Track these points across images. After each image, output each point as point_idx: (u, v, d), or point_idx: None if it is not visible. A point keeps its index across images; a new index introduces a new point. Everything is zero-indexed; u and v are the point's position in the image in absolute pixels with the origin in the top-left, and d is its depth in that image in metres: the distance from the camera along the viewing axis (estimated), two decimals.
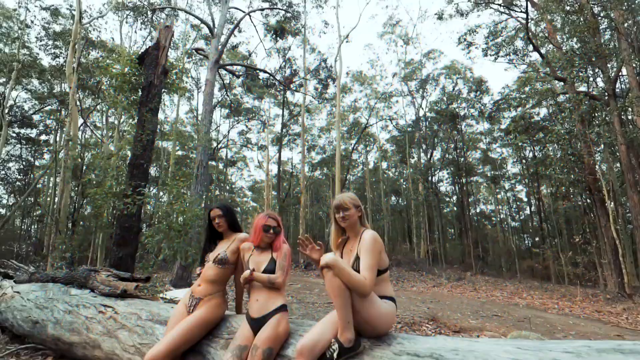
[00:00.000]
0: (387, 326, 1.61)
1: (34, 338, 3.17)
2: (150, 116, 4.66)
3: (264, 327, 1.68)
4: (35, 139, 23.27)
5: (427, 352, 1.45)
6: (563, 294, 8.51)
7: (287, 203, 26.42)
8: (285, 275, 1.88)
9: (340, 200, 1.84)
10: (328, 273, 1.50)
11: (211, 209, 2.22)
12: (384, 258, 1.69)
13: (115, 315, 2.59)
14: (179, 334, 1.83)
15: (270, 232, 1.96)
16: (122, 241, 4.23)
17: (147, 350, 2.13)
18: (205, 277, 2.05)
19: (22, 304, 3.44)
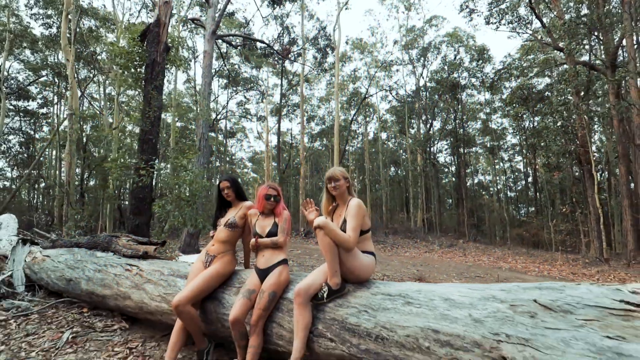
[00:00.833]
0: (367, 274, 2.01)
1: (68, 293, 3.64)
2: (156, 94, 4.86)
3: (269, 276, 2.08)
4: (34, 111, 23.15)
5: (396, 292, 1.86)
6: (546, 259, 9.10)
7: (287, 174, 26.82)
8: (286, 236, 2.26)
9: (332, 172, 2.19)
10: (320, 232, 1.87)
11: (220, 181, 2.56)
12: (366, 221, 2.05)
13: (141, 272, 3.01)
14: (199, 283, 2.24)
15: (271, 200, 2.31)
16: (137, 210, 4.62)
17: (171, 298, 2.57)
18: (218, 238, 2.43)
19: (54, 265, 3.88)
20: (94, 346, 2.67)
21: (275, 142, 25.81)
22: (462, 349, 1.50)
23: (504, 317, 1.54)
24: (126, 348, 2.64)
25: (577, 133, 9.44)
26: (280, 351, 2.00)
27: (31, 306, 3.57)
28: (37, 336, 2.83)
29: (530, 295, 1.59)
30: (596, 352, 1.30)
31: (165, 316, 2.66)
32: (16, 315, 3.33)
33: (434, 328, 1.60)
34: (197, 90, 22.97)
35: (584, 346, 1.33)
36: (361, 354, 1.71)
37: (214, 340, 2.46)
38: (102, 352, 2.57)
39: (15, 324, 3.12)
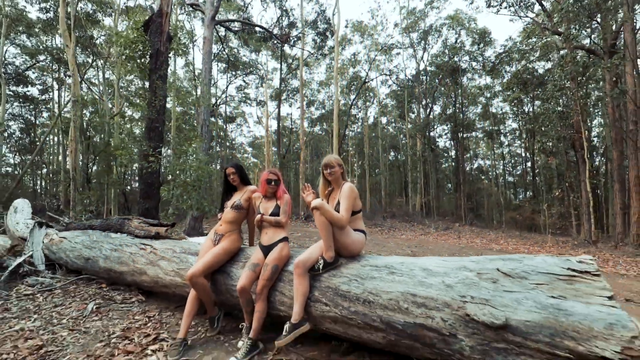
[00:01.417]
0: (358, 249, 2.28)
1: (87, 271, 3.96)
2: (161, 83, 5.03)
3: (272, 251, 2.36)
4: (34, 97, 23.12)
5: (383, 264, 2.14)
6: (537, 241, 9.45)
7: (288, 159, 27.01)
8: (287, 216, 2.53)
9: (327, 160, 2.43)
10: (316, 212, 2.13)
11: (226, 167, 2.81)
12: (357, 203, 2.31)
13: (154, 250, 3.31)
14: (209, 258, 2.52)
15: (272, 184, 2.57)
16: (147, 195, 4.89)
17: (184, 273, 2.87)
18: (225, 219, 2.70)
19: (71, 246, 4.18)
20: (116, 315, 2.99)
21: (275, 127, 25.85)
22: (435, 308, 1.79)
23: (471, 282, 1.82)
24: (145, 316, 2.96)
25: (573, 118, 9.59)
26: (282, 315, 2.30)
27: (54, 282, 3.90)
28: (64, 307, 3.16)
29: (494, 265, 1.87)
30: (541, 309, 1.58)
31: (178, 289, 2.97)
32: (41, 290, 3.65)
33: (412, 292, 1.88)
34: (196, 75, 22.86)
35: (532, 304, 1.61)
36: (351, 315, 2.01)
37: (223, 309, 2.77)
38: (124, 319, 2.89)
39: (42, 298, 3.45)
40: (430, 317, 1.78)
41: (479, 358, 1.66)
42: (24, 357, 2.20)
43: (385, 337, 1.92)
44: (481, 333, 1.65)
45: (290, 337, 2.04)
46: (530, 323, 1.56)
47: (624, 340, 1.37)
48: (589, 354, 1.42)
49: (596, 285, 1.61)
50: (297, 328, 2.07)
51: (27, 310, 3.08)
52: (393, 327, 1.87)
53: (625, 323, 1.41)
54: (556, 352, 1.49)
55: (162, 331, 2.64)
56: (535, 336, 1.54)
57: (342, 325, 2.06)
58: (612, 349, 1.37)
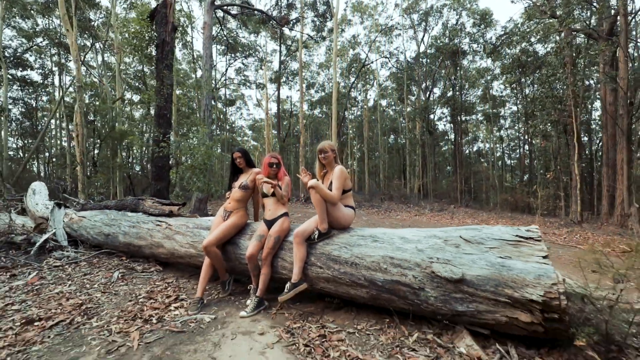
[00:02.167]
0: (348, 222, 2.67)
1: (107, 246, 4.38)
2: (167, 72, 5.28)
3: (275, 224, 2.75)
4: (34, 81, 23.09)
5: (368, 234, 2.54)
6: (526, 221, 9.89)
7: (288, 142, 27.22)
8: (287, 195, 2.90)
9: (322, 146, 2.78)
10: (312, 191, 2.50)
11: (233, 152, 3.16)
12: (347, 183, 2.68)
13: (170, 226, 3.71)
14: (221, 230, 2.92)
15: (273, 167, 2.93)
16: (158, 177, 5.25)
17: (198, 245, 3.29)
18: (233, 198, 3.08)
19: (91, 224, 4.59)
20: (139, 281, 3.43)
21: (275, 109, 25.90)
22: (408, 268, 2.20)
23: (438, 247, 2.22)
24: (164, 282, 3.40)
25: (567, 103, 9.80)
26: (284, 278, 2.72)
27: (78, 256, 4.33)
28: (92, 275, 3.59)
29: (458, 233, 2.27)
30: (490, 266, 1.98)
31: (193, 259, 3.38)
32: (68, 263, 4.08)
33: (390, 256, 2.28)
34: (195, 57, 22.72)
35: (484, 263, 2.01)
36: (341, 275, 2.42)
37: (233, 275, 3.20)
38: (147, 285, 3.32)
39: (70, 268, 3.88)
40: (404, 275, 2.19)
41: (441, 305, 2.08)
42: (69, 311, 2.63)
43: (369, 292, 2.34)
44: (443, 286, 2.06)
45: (290, 293, 2.46)
46: (481, 277, 1.96)
47: (546, 287, 1.77)
48: (521, 298, 1.83)
49: (536, 248, 2.01)
50: (296, 287, 2.49)
51: (60, 278, 3.52)
52: (375, 283, 2.29)
53: (549, 274, 1.81)
54: (499, 299, 1.90)
55: (180, 293, 3.08)
56: (484, 287, 1.95)
57: (334, 284, 2.48)
58: (537, 293, 1.78)
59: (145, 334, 2.29)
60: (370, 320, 2.43)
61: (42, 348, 2.11)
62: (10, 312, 2.63)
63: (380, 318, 2.44)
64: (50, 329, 2.36)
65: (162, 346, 2.13)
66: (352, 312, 2.58)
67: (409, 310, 2.26)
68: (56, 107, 15.15)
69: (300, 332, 2.28)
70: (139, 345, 2.14)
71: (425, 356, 1.94)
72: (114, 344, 2.15)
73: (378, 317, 2.45)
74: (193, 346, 2.13)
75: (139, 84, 21.66)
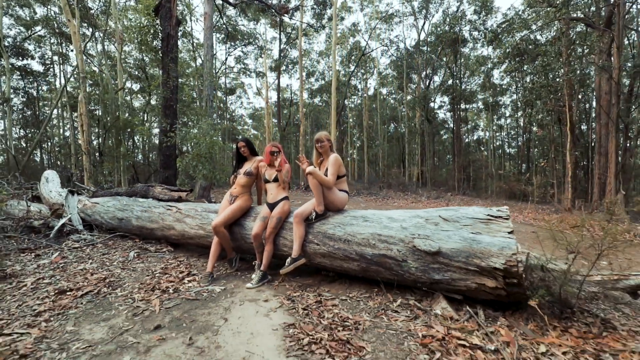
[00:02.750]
0: (342, 205, 2.98)
1: (121, 229, 4.71)
2: (173, 65, 5.50)
3: (276, 207, 3.06)
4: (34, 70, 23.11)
5: (359, 215, 2.84)
6: (519, 208, 10.21)
7: (288, 132, 27.36)
8: (287, 181, 3.20)
9: (318, 136, 3.07)
10: (310, 176, 2.80)
11: (238, 141, 3.44)
12: (342, 169, 2.97)
13: (180, 210, 4.02)
14: (228, 213, 3.23)
15: (274, 155, 3.22)
16: (166, 165, 5.54)
17: (207, 226, 3.61)
18: (238, 183, 3.38)
19: (104, 209, 4.91)
20: (153, 260, 3.77)
21: (275, 98, 25.94)
22: (393, 243, 2.51)
23: (420, 225, 2.53)
24: (176, 260, 3.73)
25: (562, 92, 9.97)
26: (285, 254, 3.04)
27: (94, 238, 4.66)
28: (110, 255, 3.93)
29: (438, 213, 2.57)
30: (463, 240, 2.29)
31: (202, 239, 3.71)
32: (86, 244, 4.42)
33: (378, 233, 2.60)
34: (194, 45, 22.65)
35: (458, 238, 2.32)
36: (335, 250, 2.74)
37: (239, 253, 3.53)
38: (161, 262, 3.66)
39: (89, 249, 4.22)
40: (390, 249, 2.51)
41: (421, 275, 2.40)
42: (95, 284, 2.97)
43: (359, 265, 2.66)
44: (423, 258, 2.38)
45: (291, 267, 2.79)
46: (454, 250, 2.28)
47: (507, 256, 2.09)
48: (487, 267, 2.14)
49: (503, 225, 2.31)
50: (296, 261, 2.81)
51: (81, 257, 3.86)
52: (364, 257, 2.61)
53: (511, 246, 2.12)
54: (469, 268, 2.22)
55: (192, 270, 3.42)
56: (457, 258, 2.26)
57: (329, 258, 2.81)
58: (500, 262, 2.10)
59: (164, 301, 2.63)
60: (361, 289, 2.77)
61: (77, 312, 2.45)
62: (43, 285, 2.98)
63: (369, 288, 2.77)
64: (82, 298, 2.70)
65: (180, 310, 2.47)
66: (346, 284, 2.91)
67: (394, 280, 2.59)
68: (58, 96, 15.31)
69: (299, 299, 2.62)
70: (160, 309, 2.48)
71: (406, 317, 2.28)
72: (139, 309, 2.49)
73: (368, 287, 2.78)
74: (207, 310, 2.47)
75: (139, 72, 21.70)
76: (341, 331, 2.09)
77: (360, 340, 1.98)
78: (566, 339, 1.99)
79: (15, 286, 2.95)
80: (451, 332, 2.03)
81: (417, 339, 1.98)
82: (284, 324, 2.22)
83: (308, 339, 1.99)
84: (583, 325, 2.19)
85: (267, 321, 2.27)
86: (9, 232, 4.57)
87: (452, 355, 1.80)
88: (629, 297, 2.79)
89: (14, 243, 4.28)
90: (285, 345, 1.96)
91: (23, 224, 4.96)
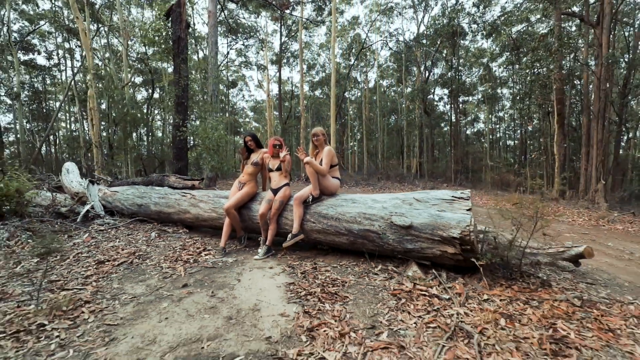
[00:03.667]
0: (335, 190, 3.51)
1: (140, 214, 5.27)
2: (184, 66, 5.97)
3: (279, 192, 3.60)
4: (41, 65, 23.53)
5: (348, 198, 3.38)
6: (508, 198, 10.70)
7: (289, 124, 27.77)
8: (288, 169, 3.73)
9: (315, 131, 3.58)
10: (307, 165, 3.33)
11: (245, 136, 3.97)
12: (334, 159, 3.49)
13: (194, 196, 4.57)
14: (238, 197, 3.77)
15: (276, 148, 3.74)
16: (179, 157, 6.08)
17: (219, 210, 4.15)
18: (246, 172, 3.91)
19: (124, 196, 5.46)
20: (172, 239, 4.33)
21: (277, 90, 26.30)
22: (375, 220, 3.05)
23: (397, 205, 3.06)
24: (192, 239, 4.30)
25: (551, 87, 10.36)
26: (286, 231, 3.58)
27: (116, 222, 5.23)
28: (133, 235, 4.50)
29: (413, 195, 3.10)
30: (430, 216, 2.82)
31: (214, 221, 4.26)
32: (109, 228, 4.98)
33: (363, 212, 3.13)
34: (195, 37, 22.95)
35: (427, 214, 2.85)
36: (328, 227, 3.28)
37: (247, 233, 4.09)
38: (179, 241, 4.22)
39: (114, 231, 4.78)
40: (373, 225, 3.05)
41: (397, 245, 2.94)
42: (127, 256, 3.54)
43: (348, 239, 3.21)
44: (398, 231, 2.92)
45: (292, 241, 3.34)
46: (423, 224, 2.81)
47: (462, 227, 2.62)
48: (447, 236, 2.68)
49: (463, 204, 2.84)
50: (296, 237, 3.36)
51: (109, 237, 4.42)
52: (352, 232, 3.15)
53: (466, 220, 2.65)
54: (434, 238, 2.76)
55: (207, 246, 3.98)
56: (424, 231, 2.80)
57: (323, 234, 3.35)
58: (457, 232, 2.63)
59: (187, 269, 3.19)
60: (350, 259, 3.32)
61: (118, 275, 3.02)
62: (83, 258, 3.54)
63: (356, 258, 3.32)
64: (119, 266, 3.27)
65: (201, 275, 3.03)
66: (337, 255, 3.47)
67: (376, 251, 3.13)
68: (66, 91, 15.79)
69: (298, 266, 3.17)
70: (185, 274, 3.04)
71: (384, 277, 2.83)
72: (167, 274, 3.06)
73: (355, 258, 3.34)
74: (222, 274, 3.03)
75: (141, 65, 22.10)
76: (331, 287, 2.65)
77: (345, 292, 2.54)
78: (507, 292, 2.54)
79: (60, 259, 3.52)
80: (417, 287, 2.58)
81: (389, 291, 2.54)
82: (286, 283, 2.77)
83: (304, 292, 2.55)
84: (525, 284, 2.74)
85: (272, 281, 2.83)
86: (44, 217, 5.14)
87: (415, 301, 2.36)
88: (572, 265, 3.34)
89: (48, 226, 4.85)
90: (287, 296, 2.52)
91: (51, 210, 5.53)
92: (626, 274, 3.46)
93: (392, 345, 1.83)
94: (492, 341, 1.85)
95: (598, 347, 1.84)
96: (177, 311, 2.30)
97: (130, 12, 11.58)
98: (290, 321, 2.12)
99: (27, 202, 5.11)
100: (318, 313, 2.22)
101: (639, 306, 2.43)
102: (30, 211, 5.27)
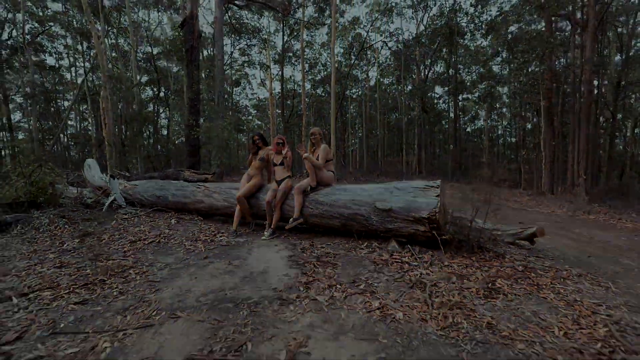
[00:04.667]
0: (330, 181, 4.13)
1: (159, 205, 5.91)
2: (196, 72, 6.60)
3: (282, 183, 4.23)
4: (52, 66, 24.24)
5: (341, 188, 4.01)
6: (500, 192, 11.29)
7: (291, 122, 28.38)
8: (290, 164, 4.36)
9: (312, 130, 4.21)
10: (306, 160, 3.96)
11: (253, 135, 4.59)
12: (329, 155, 4.11)
13: (207, 188, 5.21)
14: (247, 187, 4.41)
15: (280, 145, 4.36)
16: (192, 153, 6.73)
17: (231, 199, 4.79)
18: (253, 166, 4.54)
19: (144, 189, 6.11)
20: (189, 225, 4.98)
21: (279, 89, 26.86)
22: (362, 205, 3.67)
23: (381, 192, 3.68)
24: (207, 225, 4.94)
25: (539, 87, 10.89)
26: (288, 216, 4.21)
27: (138, 212, 5.88)
28: (155, 222, 5.14)
29: (394, 185, 3.72)
30: (406, 201, 3.44)
31: (226, 210, 4.90)
32: (132, 216, 5.64)
33: (353, 199, 3.76)
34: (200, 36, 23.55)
35: (404, 200, 3.47)
36: (323, 212, 3.91)
37: (254, 219, 4.73)
38: (196, 227, 4.87)
39: (136, 219, 5.44)
40: (360, 209, 3.67)
41: (379, 225, 3.56)
42: (154, 237, 4.19)
43: (340, 222, 3.84)
44: (381, 214, 3.54)
45: (293, 224, 3.97)
46: (400, 207, 3.43)
47: (430, 210, 3.24)
48: (419, 217, 3.30)
49: (434, 192, 3.46)
50: (296, 220, 3.99)
51: (134, 223, 5.07)
52: (343, 216, 3.78)
53: (435, 204, 3.27)
54: (409, 219, 3.38)
55: (220, 230, 4.62)
56: (401, 213, 3.42)
57: (319, 218, 3.98)
58: (426, 214, 3.25)
59: (206, 246, 3.83)
60: (342, 239, 3.95)
61: (150, 251, 3.67)
62: (116, 238, 4.20)
63: (347, 239, 3.95)
64: (149, 244, 3.92)
65: (218, 250, 3.67)
66: (331, 236, 4.09)
67: (363, 231, 3.76)
68: (78, 91, 16.45)
69: (298, 244, 3.80)
70: (205, 249, 3.68)
71: (368, 251, 3.46)
72: (190, 249, 3.70)
73: (346, 238, 3.96)
74: (236, 250, 3.67)
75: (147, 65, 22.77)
76: (324, 258, 3.28)
77: (335, 261, 3.17)
78: (465, 261, 3.16)
79: (97, 240, 4.18)
80: (393, 256, 3.21)
81: (370, 260, 3.16)
82: (288, 255, 3.41)
83: (303, 261, 3.18)
84: (483, 257, 3.35)
85: (277, 255, 3.47)
86: (74, 207, 5.80)
87: (389, 266, 2.99)
88: (529, 243, 3.96)
89: (79, 214, 5.51)
90: (289, 264, 3.15)
91: (78, 201, 6.20)
92: (577, 251, 4.07)
93: (367, 292, 2.46)
94: (441, 290, 2.47)
95: (521, 294, 2.46)
96: (203, 274, 2.94)
97: (139, 15, 12.19)
98: (291, 279, 2.76)
99: (60, 194, 5.78)
100: (313, 274, 2.85)
101: (569, 270, 3.05)
102: (62, 202, 5.95)
